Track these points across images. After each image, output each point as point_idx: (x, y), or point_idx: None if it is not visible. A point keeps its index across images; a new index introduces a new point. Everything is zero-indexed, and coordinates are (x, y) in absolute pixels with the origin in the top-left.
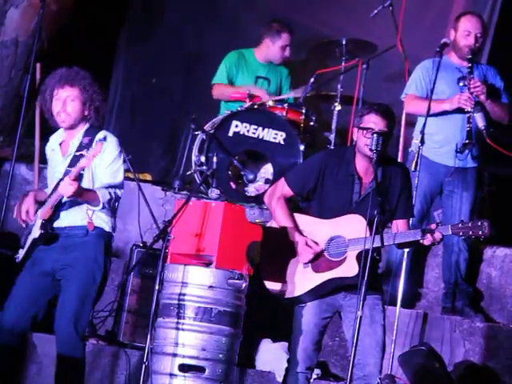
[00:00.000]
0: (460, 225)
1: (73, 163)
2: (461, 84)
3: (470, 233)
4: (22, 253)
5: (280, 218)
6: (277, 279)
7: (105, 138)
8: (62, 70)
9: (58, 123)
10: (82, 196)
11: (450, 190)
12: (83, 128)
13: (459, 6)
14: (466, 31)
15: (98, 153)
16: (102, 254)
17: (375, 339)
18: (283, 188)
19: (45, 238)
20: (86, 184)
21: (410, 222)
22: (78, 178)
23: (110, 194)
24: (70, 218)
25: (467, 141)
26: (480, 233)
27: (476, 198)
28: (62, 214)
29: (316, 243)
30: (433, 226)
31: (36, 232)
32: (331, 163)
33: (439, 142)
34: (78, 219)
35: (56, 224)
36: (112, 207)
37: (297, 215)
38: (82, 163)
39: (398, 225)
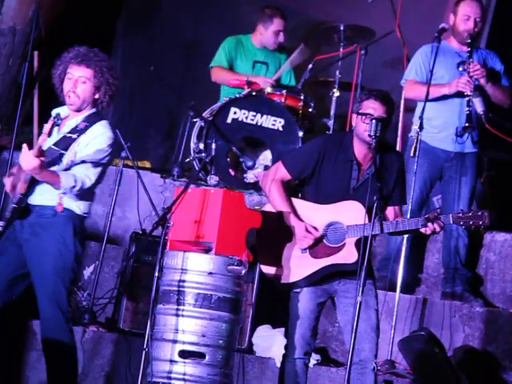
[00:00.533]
0: (461, 214)
1: (59, 143)
2: (460, 69)
3: (471, 222)
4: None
5: (276, 201)
6: (272, 263)
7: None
8: (82, 47)
9: (66, 102)
10: (41, 174)
11: (449, 176)
12: (87, 112)
13: None
14: (465, 15)
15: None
16: (71, 235)
17: (370, 324)
18: (280, 171)
19: (17, 212)
20: (63, 165)
21: (409, 208)
22: (50, 156)
23: (75, 181)
24: (42, 197)
25: (467, 124)
26: (480, 223)
27: (475, 184)
28: (36, 190)
29: (315, 229)
30: (433, 214)
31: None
32: (330, 148)
33: (438, 126)
34: (49, 199)
35: (29, 200)
36: (82, 192)
37: (294, 199)
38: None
39: (391, 211)
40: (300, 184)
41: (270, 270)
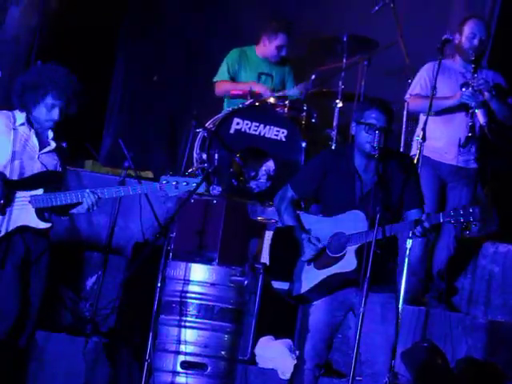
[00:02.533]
0: (451, 212)
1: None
2: (463, 89)
3: (462, 219)
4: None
5: (286, 219)
6: (284, 279)
7: None
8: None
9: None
10: None
11: (450, 186)
12: None
13: (460, 3)
14: (471, 33)
15: None
16: None
17: (386, 338)
18: (289, 192)
19: None
20: None
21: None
22: None
23: None
24: None
25: (470, 134)
26: (471, 218)
27: (475, 196)
28: None
29: (318, 240)
30: (424, 216)
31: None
32: (331, 163)
33: (441, 148)
34: None
35: None
36: None
37: (302, 214)
38: None
39: (410, 215)
40: (314, 201)
41: (282, 285)
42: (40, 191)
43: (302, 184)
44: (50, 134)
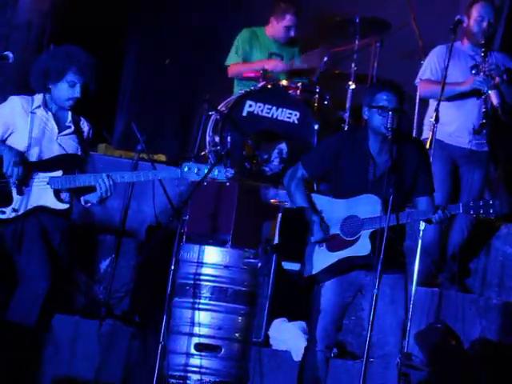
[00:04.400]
0: (471, 203)
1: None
2: (473, 71)
3: (481, 211)
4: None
5: (297, 199)
6: (295, 259)
7: None
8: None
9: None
10: None
11: (462, 171)
12: None
13: None
14: (479, 17)
15: None
16: None
17: (396, 319)
18: (300, 171)
19: None
20: None
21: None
22: None
23: None
24: None
25: (484, 121)
26: (491, 211)
27: (487, 179)
28: None
29: (328, 225)
30: (442, 205)
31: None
32: (345, 145)
33: (453, 132)
34: None
35: None
36: None
37: (314, 195)
38: None
39: (421, 202)
40: (323, 181)
41: (292, 266)
42: (59, 173)
43: (315, 164)
44: (69, 116)
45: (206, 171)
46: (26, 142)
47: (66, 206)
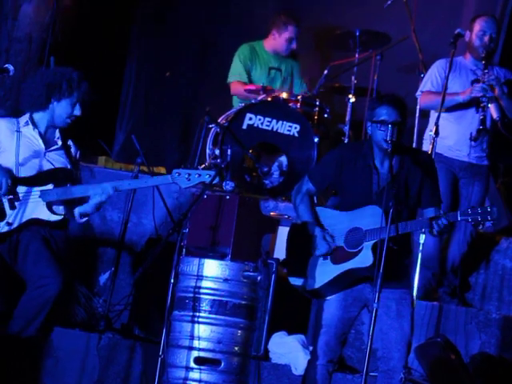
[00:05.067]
0: (469, 210)
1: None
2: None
3: (479, 218)
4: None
5: (302, 213)
6: (299, 274)
7: None
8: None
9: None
10: None
11: (463, 182)
12: None
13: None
14: (481, 31)
15: None
16: None
17: (401, 334)
18: (306, 184)
19: None
20: None
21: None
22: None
23: None
24: None
25: (481, 127)
26: (488, 217)
27: (485, 194)
28: None
29: (332, 237)
30: (437, 215)
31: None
32: (348, 156)
33: (453, 146)
34: None
35: None
36: None
37: (319, 209)
38: None
39: (427, 213)
40: (333, 195)
41: (297, 281)
42: (50, 186)
43: (320, 176)
44: (57, 133)
45: (196, 176)
46: (14, 159)
47: (59, 217)
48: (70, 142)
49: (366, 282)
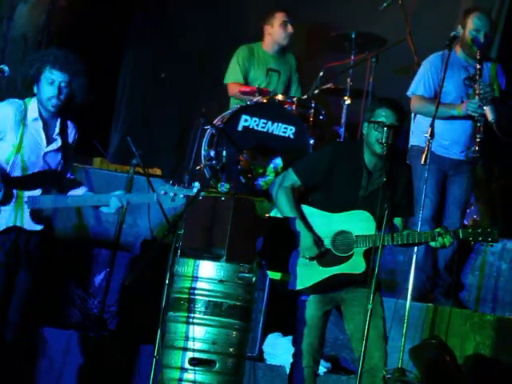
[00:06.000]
0: (470, 230)
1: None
2: (466, 83)
3: (480, 239)
4: None
5: (284, 207)
6: (279, 269)
7: None
8: (59, 51)
9: (47, 105)
10: None
11: (452, 180)
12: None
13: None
14: (475, 30)
15: None
16: None
17: (377, 332)
18: (290, 178)
19: None
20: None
21: (421, 215)
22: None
23: None
24: None
25: (478, 139)
26: (489, 239)
27: (470, 191)
28: None
29: (322, 241)
30: (443, 229)
31: None
32: (340, 156)
33: (447, 146)
34: None
35: None
36: None
37: (302, 206)
38: None
39: (396, 222)
40: (309, 191)
41: (276, 275)
42: (38, 192)
43: (309, 171)
44: (57, 128)
45: (181, 196)
46: (11, 151)
47: (40, 226)
48: (70, 127)
49: (348, 285)
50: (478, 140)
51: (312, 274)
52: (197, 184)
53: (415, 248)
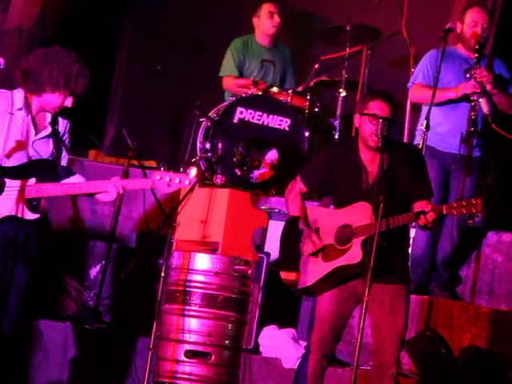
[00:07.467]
0: (454, 204)
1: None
2: (467, 75)
3: (464, 211)
4: None
5: (290, 209)
6: (291, 269)
7: None
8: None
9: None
10: None
11: (453, 176)
12: None
13: None
14: (472, 22)
15: None
16: None
17: (395, 330)
18: (298, 184)
19: None
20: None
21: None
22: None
23: None
24: None
25: (472, 129)
26: (473, 210)
27: (478, 185)
28: None
29: (319, 237)
30: (427, 207)
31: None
32: (338, 156)
33: (445, 133)
34: None
35: None
36: None
37: (310, 207)
38: None
39: (418, 207)
40: (326, 194)
41: (289, 276)
42: (32, 181)
43: (312, 177)
44: (49, 117)
45: (176, 181)
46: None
47: (36, 215)
48: (59, 120)
49: (358, 278)
50: (471, 130)
51: (317, 269)
52: (193, 170)
53: (411, 240)
